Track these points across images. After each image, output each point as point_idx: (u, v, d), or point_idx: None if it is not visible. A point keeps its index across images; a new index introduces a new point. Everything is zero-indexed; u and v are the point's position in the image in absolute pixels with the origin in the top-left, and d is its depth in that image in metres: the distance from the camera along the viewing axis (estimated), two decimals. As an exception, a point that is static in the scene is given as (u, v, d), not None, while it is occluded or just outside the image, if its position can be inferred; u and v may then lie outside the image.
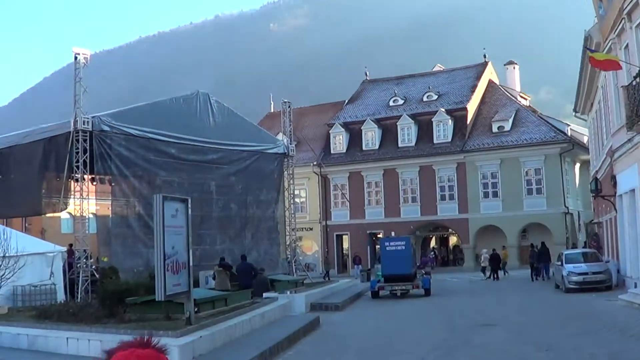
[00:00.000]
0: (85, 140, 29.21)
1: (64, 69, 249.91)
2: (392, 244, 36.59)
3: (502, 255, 49.25)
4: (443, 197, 60.96)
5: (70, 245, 31.29)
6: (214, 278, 29.89)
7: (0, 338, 19.81)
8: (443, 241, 70.31)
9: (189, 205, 18.00)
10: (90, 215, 32.66)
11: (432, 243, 69.60)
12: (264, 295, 28.69)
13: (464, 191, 59.88)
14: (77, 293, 27.87)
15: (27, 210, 34.69)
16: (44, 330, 19.22)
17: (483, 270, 49.55)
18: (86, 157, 29.19)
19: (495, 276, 46.29)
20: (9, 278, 22.96)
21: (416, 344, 19.53)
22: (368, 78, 76.06)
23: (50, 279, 27.35)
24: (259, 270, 32.22)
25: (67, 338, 18.16)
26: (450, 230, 65.01)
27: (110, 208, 32.96)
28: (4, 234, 23.84)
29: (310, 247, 65.87)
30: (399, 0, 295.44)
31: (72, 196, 30.89)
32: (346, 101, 73.06)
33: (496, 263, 46.91)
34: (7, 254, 22.99)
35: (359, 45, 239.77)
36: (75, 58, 29.73)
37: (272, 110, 75.47)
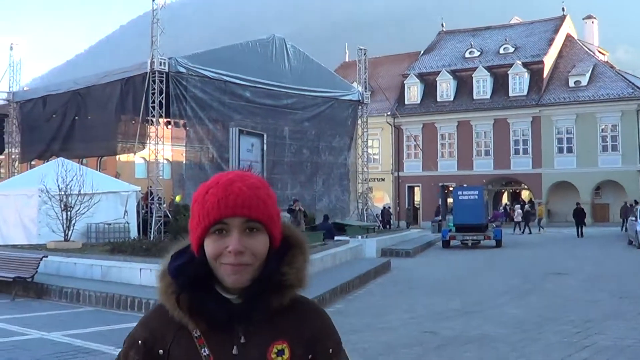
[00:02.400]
0: (161, 82, 29.44)
1: (140, 18, 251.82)
2: (465, 193, 36.32)
3: (538, 211, 49.08)
4: (517, 151, 60.04)
5: (144, 194, 31.55)
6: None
7: (75, 269, 20.28)
8: (515, 196, 69.46)
9: (265, 141, 18.02)
10: (164, 161, 33.05)
11: (504, 197, 68.87)
12: (335, 238, 28.74)
13: (538, 146, 58.83)
14: (150, 232, 28.32)
15: (103, 151, 35.35)
16: (118, 262, 19.59)
17: (517, 224, 49.91)
18: (162, 99, 29.41)
19: (580, 232, 45.28)
20: (83, 214, 23.49)
21: (488, 287, 19.43)
22: (444, 29, 75.11)
23: (123, 217, 27.81)
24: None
25: (140, 269, 18.52)
26: (522, 185, 64.12)
27: (184, 154, 33.29)
28: (80, 171, 24.38)
29: (382, 198, 65.65)
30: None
31: (147, 140, 31.31)
32: (422, 52, 72.21)
33: (580, 218, 46.00)
34: (82, 191, 23.50)
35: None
36: (153, -1, 29.93)
37: (346, 60, 75.06)
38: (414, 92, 65.71)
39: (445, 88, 64.00)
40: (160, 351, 2.28)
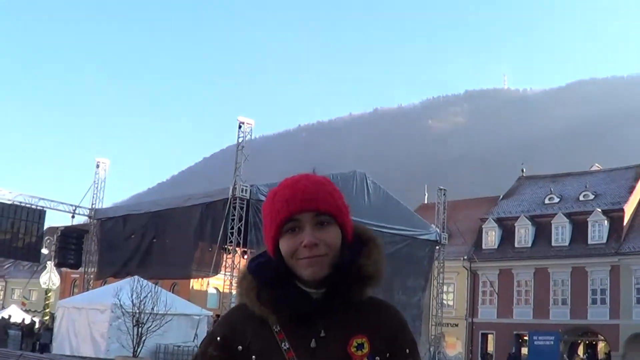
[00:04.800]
0: (242, 208, 29.73)
1: (222, 151, 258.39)
2: (540, 338, 35.38)
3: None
4: (594, 301, 58.10)
5: (217, 315, 31.58)
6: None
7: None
8: (591, 348, 67.19)
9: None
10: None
11: (580, 349, 66.67)
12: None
13: (616, 295, 56.81)
14: None
15: (178, 275, 35.55)
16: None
17: None
18: (241, 225, 29.61)
19: None
20: (154, 331, 23.44)
21: None
22: (524, 174, 74.92)
23: (193, 341, 27.68)
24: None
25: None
26: (599, 336, 62.12)
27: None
28: (154, 289, 24.52)
29: (454, 344, 64.17)
30: (559, 105, 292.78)
31: (222, 270, 31.46)
32: (501, 196, 72.03)
33: None
34: (155, 309, 23.56)
35: (516, 144, 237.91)
36: (240, 126, 30.54)
37: (425, 202, 75.17)
38: (491, 237, 65.08)
39: (524, 234, 63.21)
40: (240, 347, 2.36)
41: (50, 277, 44.73)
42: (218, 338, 2.43)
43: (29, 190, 72.93)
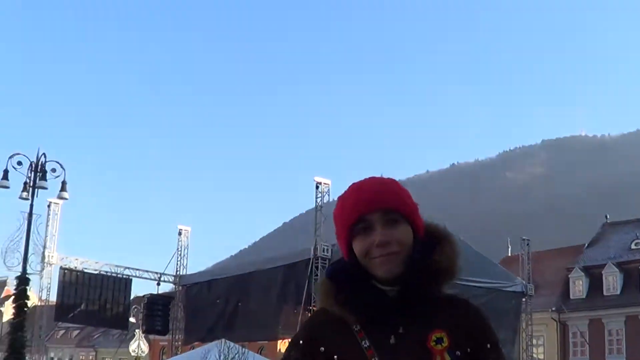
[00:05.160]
0: (324, 267, 29.78)
1: (302, 216, 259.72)
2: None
3: None
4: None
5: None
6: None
7: None
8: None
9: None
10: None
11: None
12: None
13: None
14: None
15: (264, 337, 35.64)
16: None
17: None
18: (323, 286, 29.64)
19: None
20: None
21: None
22: (608, 221, 73.51)
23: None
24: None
25: None
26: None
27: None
28: (242, 352, 24.69)
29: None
30: (638, 148, 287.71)
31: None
32: (586, 244, 70.69)
33: None
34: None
35: (597, 191, 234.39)
36: (317, 187, 30.80)
37: (509, 254, 74.21)
38: (579, 286, 63.76)
39: (612, 281, 61.82)
40: (322, 348, 2.43)
41: (139, 344, 45.32)
42: (300, 342, 2.51)
43: (115, 259, 74.28)
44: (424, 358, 2.33)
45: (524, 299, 40.65)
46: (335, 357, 2.39)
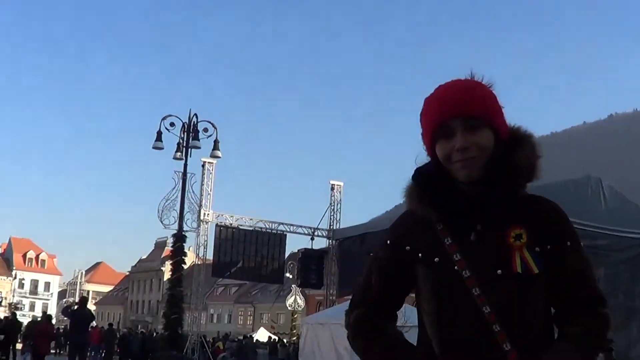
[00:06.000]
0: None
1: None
2: None
3: None
4: None
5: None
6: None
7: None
8: None
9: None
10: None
11: None
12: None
13: None
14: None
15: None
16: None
17: None
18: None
19: None
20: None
21: None
22: None
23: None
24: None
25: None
26: None
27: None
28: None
29: None
30: None
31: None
32: None
33: None
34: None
35: None
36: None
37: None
38: None
39: None
40: (408, 247, 2.55)
41: (295, 299, 46.68)
42: (388, 242, 2.64)
43: (269, 216, 75.63)
44: (503, 254, 2.40)
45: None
46: (420, 254, 2.51)
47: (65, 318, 34.21)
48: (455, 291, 2.42)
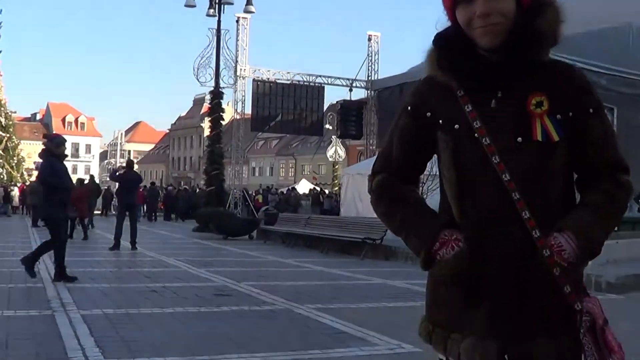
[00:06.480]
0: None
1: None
2: None
3: None
4: None
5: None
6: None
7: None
8: None
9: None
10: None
11: None
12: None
13: None
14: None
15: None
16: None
17: None
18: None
19: None
20: (434, 190, 24.14)
21: None
22: None
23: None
24: None
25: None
26: None
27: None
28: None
29: None
30: None
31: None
32: None
33: None
34: (434, 170, 24.21)
35: None
36: None
37: None
38: None
39: None
40: (428, 113, 2.52)
41: (336, 150, 46.92)
42: (409, 108, 2.59)
43: (306, 69, 75.08)
44: (523, 121, 2.36)
45: None
46: (440, 121, 2.48)
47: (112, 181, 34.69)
48: (474, 159, 2.40)
